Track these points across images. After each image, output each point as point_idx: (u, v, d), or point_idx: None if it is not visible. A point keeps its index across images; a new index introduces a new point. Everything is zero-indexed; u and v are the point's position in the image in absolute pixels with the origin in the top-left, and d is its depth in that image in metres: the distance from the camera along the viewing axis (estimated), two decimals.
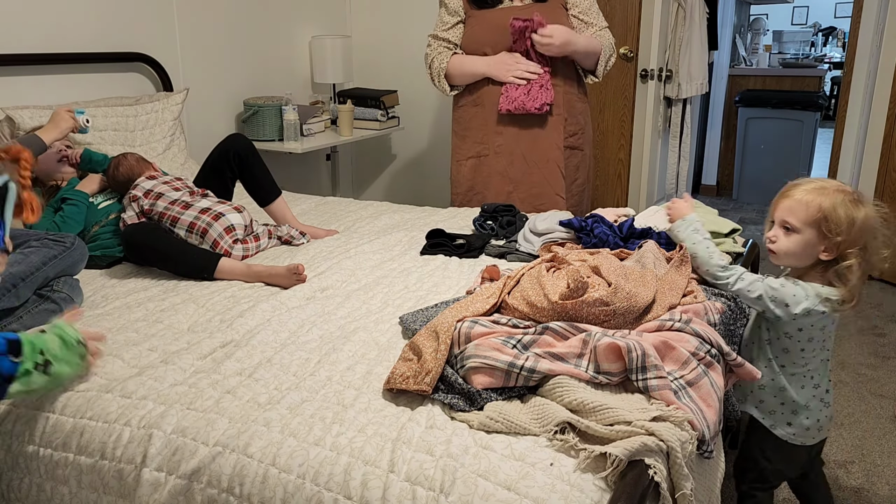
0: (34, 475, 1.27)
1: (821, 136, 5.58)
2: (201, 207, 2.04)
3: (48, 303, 1.64)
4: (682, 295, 1.51)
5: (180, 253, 1.88)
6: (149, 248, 1.89)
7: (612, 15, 3.66)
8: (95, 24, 2.74)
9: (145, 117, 2.69)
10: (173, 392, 1.27)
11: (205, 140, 3.27)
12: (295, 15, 3.75)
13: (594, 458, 1.04)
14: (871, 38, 4.09)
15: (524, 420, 1.13)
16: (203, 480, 1.12)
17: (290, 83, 3.77)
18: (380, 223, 2.40)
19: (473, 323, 1.35)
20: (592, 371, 1.22)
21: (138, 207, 2.05)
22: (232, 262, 1.89)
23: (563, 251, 1.78)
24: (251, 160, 2.29)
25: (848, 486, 2.06)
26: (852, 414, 2.43)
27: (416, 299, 1.70)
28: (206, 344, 1.46)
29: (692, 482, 1.08)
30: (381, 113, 3.71)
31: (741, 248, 1.97)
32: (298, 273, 1.80)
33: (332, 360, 1.37)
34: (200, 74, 3.23)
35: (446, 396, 1.21)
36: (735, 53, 6.04)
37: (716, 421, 1.22)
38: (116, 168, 2.16)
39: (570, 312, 1.38)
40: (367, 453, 1.08)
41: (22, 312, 1.61)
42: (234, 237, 2.02)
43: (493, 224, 2.26)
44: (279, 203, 2.32)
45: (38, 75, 2.57)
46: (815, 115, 5.13)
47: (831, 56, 8.27)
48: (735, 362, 1.36)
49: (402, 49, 3.99)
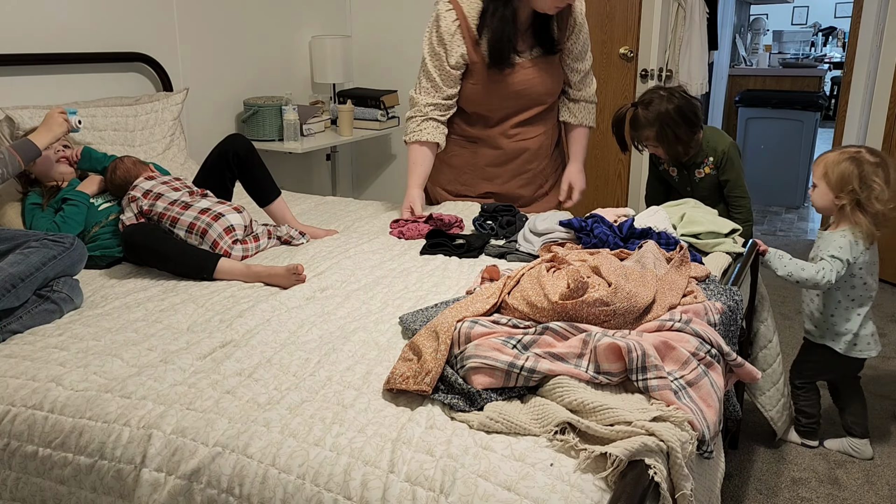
0: (33, 475, 1.27)
1: (821, 136, 5.58)
2: (201, 208, 2.04)
3: (48, 303, 1.65)
4: (682, 295, 1.51)
5: (179, 253, 1.88)
6: (148, 249, 1.89)
7: (613, 15, 3.66)
8: (95, 24, 2.74)
9: (145, 117, 2.69)
10: (173, 392, 1.27)
11: (205, 140, 3.27)
12: (295, 15, 3.75)
13: (594, 459, 1.04)
14: (871, 38, 4.09)
15: (524, 420, 1.13)
16: (203, 481, 1.12)
17: (290, 83, 3.77)
18: (380, 223, 2.40)
19: (473, 323, 1.35)
20: (592, 371, 1.21)
21: (137, 208, 2.04)
22: (231, 262, 1.89)
23: (563, 251, 1.78)
24: (250, 160, 2.28)
25: (848, 486, 2.06)
26: None
27: (416, 299, 1.70)
28: (205, 344, 1.46)
29: (692, 482, 1.08)
30: (381, 113, 3.71)
31: (741, 249, 1.97)
32: (298, 273, 1.80)
33: (332, 361, 1.37)
34: (200, 74, 3.23)
35: (446, 397, 1.21)
36: (735, 53, 6.05)
37: (716, 421, 1.21)
38: (114, 172, 2.16)
39: (570, 312, 1.38)
40: (367, 454, 1.08)
41: (21, 313, 1.61)
42: (234, 237, 2.02)
43: (492, 224, 2.26)
44: (279, 203, 2.31)
45: (38, 75, 2.57)
46: (815, 115, 5.13)
47: (831, 56, 8.27)
48: (735, 362, 1.36)
49: (402, 49, 3.99)
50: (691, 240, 1.97)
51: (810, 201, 2.08)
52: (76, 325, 1.59)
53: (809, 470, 2.14)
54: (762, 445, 2.26)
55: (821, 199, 2.06)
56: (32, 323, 1.61)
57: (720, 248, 1.95)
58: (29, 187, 2.25)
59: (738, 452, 2.22)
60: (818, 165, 2.06)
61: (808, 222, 4.95)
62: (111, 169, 2.17)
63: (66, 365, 1.39)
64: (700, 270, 1.69)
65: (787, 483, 2.08)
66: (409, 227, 2.23)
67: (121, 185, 2.14)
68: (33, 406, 1.29)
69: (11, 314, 1.60)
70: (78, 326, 1.58)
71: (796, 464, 2.17)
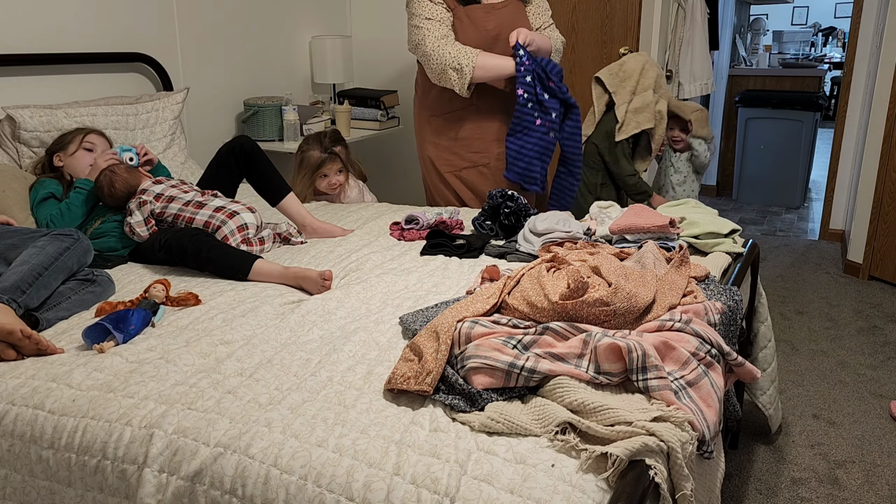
0: (39, 478, 1.27)
1: (821, 136, 5.59)
2: (215, 206, 2.07)
3: (93, 286, 1.75)
4: (682, 295, 1.51)
5: (220, 255, 1.89)
6: (192, 251, 1.89)
7: (612, 15, 3.66)
8: (95, 24, 2.74)
9: (145, 116, 2.69)
10: (174, 392, 1.27)
11: (205, 140, 3.27)
12: (295, 15, 3.75)
13: (595, 459, 1.04)
14: (871, 38, 4.10)
15: (525, 421, 1.14)
16: (206, 482, 1.12)
17: (290, 83, 3.77)
18: (380, 223, 2.40)
19: (474, 323, 1.35)
20: (593, 371, 1.22)
21: (147, 212, 2.05)
22: (269, 263, 1.88)
23: (563, 251, 1.79)
24: (257, 157, 2.29)
25: (848, 486, 2.06)
26: (852, 414, 2.43)
27: (416, 299, 1.70)
28: (206, 343, 1.46)
29: (692, 482, 1.08)
30: (381, 113, 3.71)
31: (741, 249, 1.98)
32: (326, 279, 1.79)
33: (333, 361, 1.37)
34: (200, 74, 3.23)
35: (447, 397, 1.21)
36: (735, 53, 6.05)
37: (716, 421, 1.22)
38: (111, 186, 2.12)
39: (570, 312, 1.38)
40: (370, 455, 1.08)
41: (60, 299, 1.68)
42: (245, 236, 2.04)
43: (492, 224, 2.26)
44: (290, 199, 2.31)
45: (38, 75, 2.57)
46: (815, 115, 5.13)
47: (831, 56, 8.28)
48: (735, 362, 1.36)
49: (402, 49, 3.99)
50: (691, 240, 1.97)
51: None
52: (75, 328, 1.59)
53: (809, 470, 2.14)
54: (762, 445, 2.26)
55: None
56: (79, 307, 1.69)
57: (720, 249, 1.95)
58: (52, 172, 2.29)
59: (738, 452, 2.23)
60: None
61: (808, 222, 4.95)
62: (107, 183, 2.12)
63: (66, 364, 1.39)
64: (699, 270, 1.69)
65: (787, 483, 2.08)
66: (409, 232, 2.24)
67: (124, 196, 2.13)
68: (35, 406, 1.29)
69: (44, 305, 1.64)
70: (76, 330, 1.58)
71: (796, 464, 2.17)
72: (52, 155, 2.29)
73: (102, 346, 1.44)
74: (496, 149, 2.69)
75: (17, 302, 1.54)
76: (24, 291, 1.58)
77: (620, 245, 1.91)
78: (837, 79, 8.43)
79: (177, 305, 1.68)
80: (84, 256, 1.79)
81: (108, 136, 2.42)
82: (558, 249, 1.84)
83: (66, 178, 2.26)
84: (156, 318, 1.60)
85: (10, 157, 2.37)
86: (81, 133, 2.32)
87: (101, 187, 2.13)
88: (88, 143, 2.30)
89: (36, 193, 2.16)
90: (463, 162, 2.71)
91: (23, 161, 2.38)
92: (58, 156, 2.29)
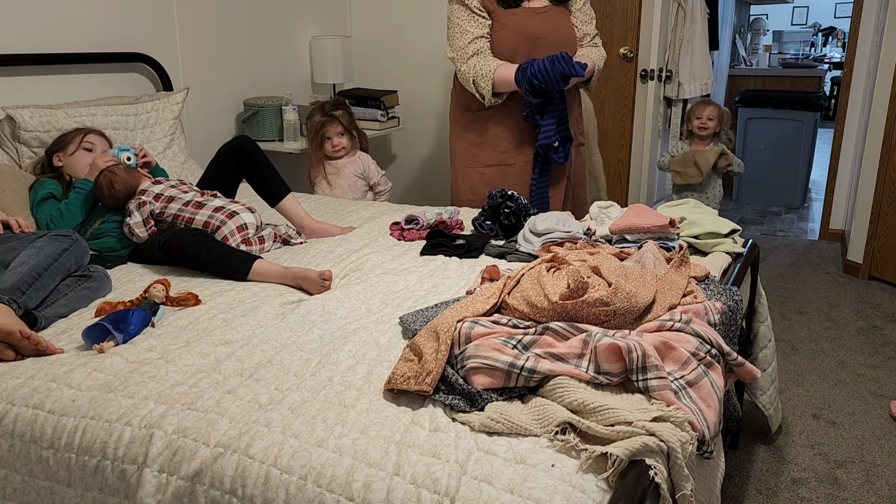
0: (39, 478, 1.27)
1: (821, 136, 5.59)
2: (215, 206, 2.07)
3: (89, 281, 1.77)
4: (682, 295, 1.51)
5: (220, 255, 1.89)
6: (192, 251, 1.88)
7: (612, 15, 3.66)
8: (95, 24, 2.74)
9: (145, 116, 2.69)
10: (174, 392, 1.27)
11: (205, 140, 3.27)
12: (295, 15, 3.75)
13: (595, 459, 1.04)
14: (871, 38, 4.10)
15: (525, 421, 1.13)
16: (206, 482, 1.12)
17: (290, 83, 3.77)
18: (380, 223, 2.40)
19: (474, 323, 1.35)
20: (593, 371, 1.22)
21: (146, 213, 2.05)
22: (268, 263, 1.88)
23: (563, 251, 1.79)
24: (257, 158, 2.30)
25: (848, 486, 2.06)
26: (852, 414, 2.43)
27: (416, 299, 1.70)
28: (206, 343, 1.46)
29: (692, 482, 1.08)
30: (381, 113, 3.71)
31: (741, 249, 1.98)
32: (326, 279, 1.79)
33: (333, 361, 1.37)
34: (200, 74, 3.23)
35: (447, 397, 1.21)
36: (735, 53, 6.05)
37: (716, 421, 1.22)
38: (111, 186, 2.12)
39: (570, 313, 1.38)
40: (370, 455, 1.08)
41: (57, 297, 1.69)
42: (245, 236, 2.04)
43: (492, 224, 2.26)
44: (290, 200, 2.31)
45: (38, 75, 2.57)
46: (815, 115, 5.13)
47: (831, 56, 8.28)
48: (735, 362, 1.36)
49: (402, 49, 4.00)
50: (691, 240, 1.97)
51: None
52: (75, 328, 1.59)
53: (809, 470, 2.14)
54: (762, 445, 2.26)
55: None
56: (77, 304, 1.70)
57: (720, 249, 1.95)
58: (51, 172, 2.30)
59: (738, 452, 2.23)
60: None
61: (807, 222, 4.95)
62: (106, 184, 2.12)
63: (66, 364, 1.39)
64: (699, 270, 1.69)
65: (787, 483, 2.08)
66: (408, 232, 2.24)
67: (124, 196, 2.13)
68: (35, 406, 1.29)
69: (43, 303, 1.66)
70: (76, 330, 1.58)
71: (796, 464, 2.17)
72: (52, 155, 2.29)
73: (102, 347, 1.44)
74: (522, 151, 2.66)
75: (17, 302, 1.54)
76: (24, 292, 1.58)
77: (620, 245, 1.91)
78: (837, 79, 8.42)
79: (177, 305, 1.68)
80: (82, 257, 1.79)
81: (107, 136, 2.42)
82: (558, 249, 1.84)
83: (66, 179, 2.26)
84: (156, 318, 1.60)
85: (10, 157, 2.37)
86: (81, 133, 2.32)
87: (100, 188, 2.13)
88: (88, 143, 2.30)
89: (35, 193, 2.16)
90: (488, 159, 2.71)
91: (22, 161, 2.38)
92: (57, 156, 2.29)
